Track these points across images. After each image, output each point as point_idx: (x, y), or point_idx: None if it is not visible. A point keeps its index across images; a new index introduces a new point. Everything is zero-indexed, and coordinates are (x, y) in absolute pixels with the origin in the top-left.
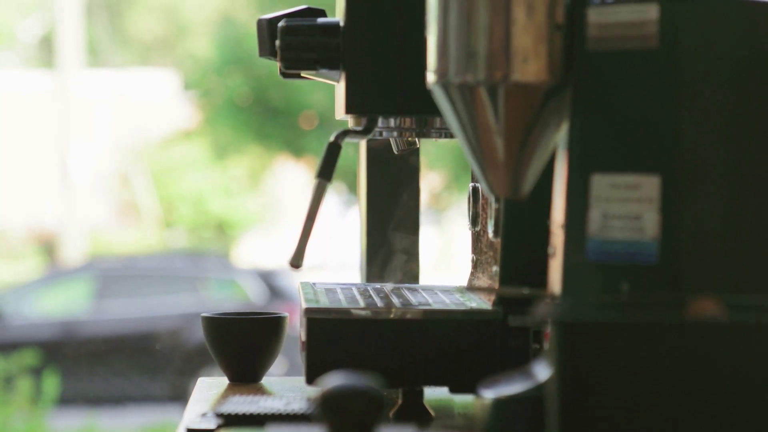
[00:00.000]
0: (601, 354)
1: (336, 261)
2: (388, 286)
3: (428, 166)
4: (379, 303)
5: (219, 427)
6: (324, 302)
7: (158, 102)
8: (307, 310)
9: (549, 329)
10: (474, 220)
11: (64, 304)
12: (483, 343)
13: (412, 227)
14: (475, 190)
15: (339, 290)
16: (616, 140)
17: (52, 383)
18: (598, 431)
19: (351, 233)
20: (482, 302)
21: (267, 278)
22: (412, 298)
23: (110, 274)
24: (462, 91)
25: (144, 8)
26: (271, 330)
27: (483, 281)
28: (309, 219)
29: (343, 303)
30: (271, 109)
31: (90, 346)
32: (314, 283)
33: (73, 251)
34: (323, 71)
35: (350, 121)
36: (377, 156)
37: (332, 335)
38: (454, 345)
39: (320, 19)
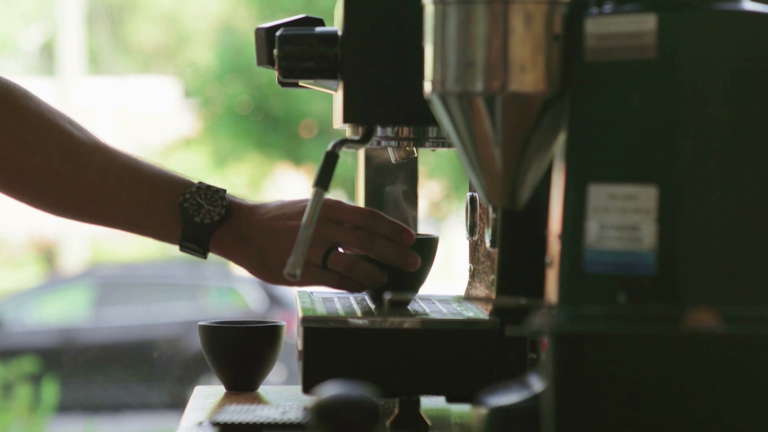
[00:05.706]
0: (597, 365)
1: None
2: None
3: (427, 175)
4: (377, 312)
5: None
6: (321, 311)
7: (159, 110)
8: (304, 319)
9: (546, 339)
10: (471, 230)
11: (63, 312)
12: (480, 352)
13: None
14: (472, 200)
15: (336, 299)
16: (614, 150)
17: (51, 390)
18: None
19: None
20: (479, 312)
21: (266, 286)
22: (409, 308)
23: (109, 282)
24: (459, 100)
25: (145, 17)
26: (267, 339)
27: (480, 291)
28: (306, 228)
29: (341, 312)
30: (271, 118)
31: (89, 353)
32: (312, 292)
33: (73, 259)
34: (321, 80)
35: (348, 130)
36: (375, 164)
37: (329, 344)
38: (451, 354)
39: (318, 29)
